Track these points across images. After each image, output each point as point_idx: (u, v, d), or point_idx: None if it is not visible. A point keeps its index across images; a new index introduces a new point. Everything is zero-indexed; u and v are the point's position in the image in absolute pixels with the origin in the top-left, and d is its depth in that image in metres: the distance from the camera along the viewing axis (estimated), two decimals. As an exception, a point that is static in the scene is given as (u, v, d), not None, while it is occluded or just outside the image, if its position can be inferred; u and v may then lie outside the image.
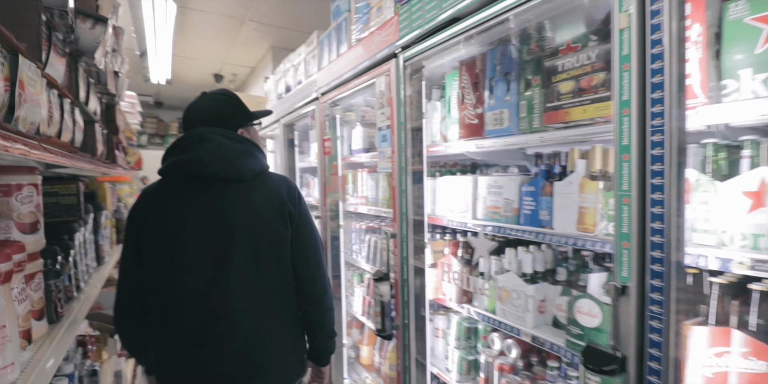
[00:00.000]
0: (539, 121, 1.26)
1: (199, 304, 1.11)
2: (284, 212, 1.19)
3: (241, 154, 1.19)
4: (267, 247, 1.16)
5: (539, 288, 1.44)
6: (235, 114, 1.28)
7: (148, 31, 3.71)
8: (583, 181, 1.20)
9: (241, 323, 1.13)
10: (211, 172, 1.15)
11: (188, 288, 1.11)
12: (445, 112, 1.73)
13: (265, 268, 1.16)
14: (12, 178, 0.84)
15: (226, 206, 1.15)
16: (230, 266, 1.12)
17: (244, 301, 1.13)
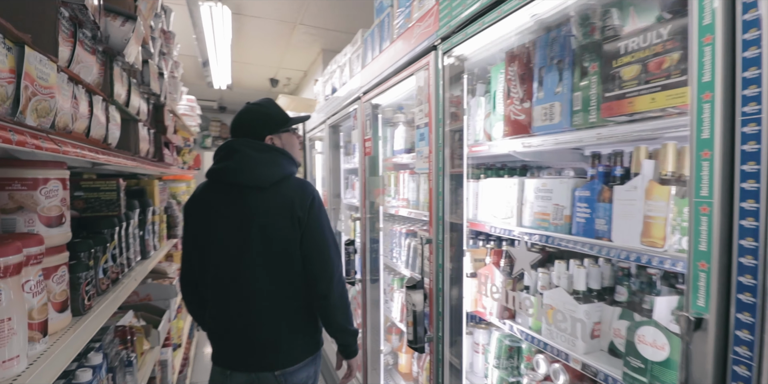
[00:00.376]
0: (596, 115, 1.09)
1: (224, 289, 1.39)
2: (294, 217, 1.36)
3: (263, 163, 1.38)
4: (276, 246, 1.36)
5: (593, 308, 1.25)
6: (263, 123, 1.45)
7: (208, 38, 3.91)
8: (651, 186, 1.01)
9: (247, 306, 1.38)
10: (237, 181, 1.37)
11: (217, 274, 1.39)
12: (490, 108, 1.59)
13: (274, 264, 1.37)
14: (37, 173, 0.85)
15: (246, 210, 1.36)
16: (246, 259, 1.35)
17: (253, 288, 1.37)
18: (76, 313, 1.00)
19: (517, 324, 1.47)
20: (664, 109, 0.87)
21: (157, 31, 1.62)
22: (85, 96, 0.95)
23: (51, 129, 0.76)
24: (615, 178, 1.16)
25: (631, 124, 1.00)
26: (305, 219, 1.36)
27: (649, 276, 1.20)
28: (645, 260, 1.00)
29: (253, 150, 1.38)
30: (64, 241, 0.93)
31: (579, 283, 1.30)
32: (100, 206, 1.32)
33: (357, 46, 2.64)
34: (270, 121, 1.45)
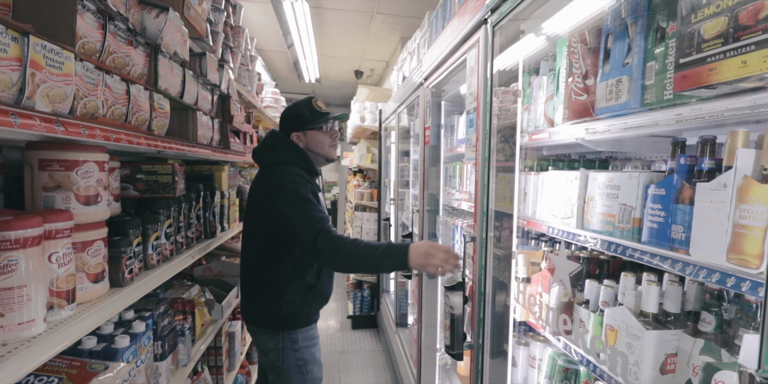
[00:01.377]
0: (673, 90, 0.84)
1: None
2: (263, 199, 1.61)
3: (261, 149, 1.71)
4: (255, 217, 1.68)
5: (666, 336, 0.99)
6: (288, 121, 1.70)
7: (294, 33, 4.11)
8: (746, 183, 0.75)
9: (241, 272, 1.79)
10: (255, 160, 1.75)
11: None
12: (553, 89, 1.36)
13: (256, 233, 1.68)
14: (74, 155, 0.94)
15: (252, 185, 1.74)
16: (245, 229, 1.76)
17: (244, 257, 1.76)
18: (116, 284, 1.10)
19: (572, 343, 1.25)
20: (763, 76, 0.62)
21: (219, 25, 1.72)
22: (120, 84, 1.02)
23: (70, 114, 0.82)
24: (701, 173, 0.89)
25: (719, 101, 0.75)
26: (267, 204, 1.58)
27: (748, 304, 0.91)
28: (731, 283, 0.74)
29: (266, 139, 1.72)
30: (100, 218, 1.02)
31: (649, 304, 1.04)
32: (158, 188, 1.44)
33: (424, 29, 2.51)
34: (294, 120, 1.67)
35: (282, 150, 1.65)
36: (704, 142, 0.89)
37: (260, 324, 1.68)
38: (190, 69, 1.53)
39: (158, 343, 1.38)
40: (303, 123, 1.66)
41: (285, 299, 1.63)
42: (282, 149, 1.66)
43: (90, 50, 0.91)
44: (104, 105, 0.96)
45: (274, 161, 1.64)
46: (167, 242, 1.44)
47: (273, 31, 4.05)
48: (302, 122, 1.66)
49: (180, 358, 1.58)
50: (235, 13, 2.09)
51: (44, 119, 0.76)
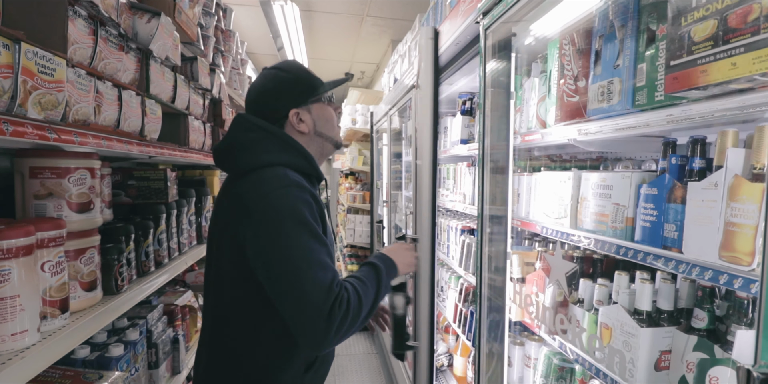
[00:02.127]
0: (664, 91, 0.85)
1: None
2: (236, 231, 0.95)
3: (230, 146, 1.02)
4: (222, 255, 1.03)
5: (660, 334, 1.01)
6: (280, 93, 1.03)
7: (284, 36, 4.10)
8: (737, 182, 0.76)
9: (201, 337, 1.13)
10: (221, 167, 1.07)
11: None
12: (545, 91, 1.37)
13: (224, 279, 1.03)
14: (65, 162, 0.93)
15: (217, 202, 1.06)
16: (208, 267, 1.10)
17: (207, 313, 1.09)
18: (110, 292, 1.08)
19: (568, 342, 1.26)
20: (752, 78, 0.63)
21: (210, 29, 1.71)
22: (112, 90, 1.01)
23: (62, 121, 0.81)
24: (693, 172, 0.91)
25: (710, 101, 0.76)
26: (243, 241, 0.92)
27: (739, 300, 0.93)
28: (723, 280, 0.76)
29: (239, 130, 1.03)
30: (92, 225, 1.01)
31: (643, 302, 1.06)
32: (150, 194, 1.43)
33: (415, 32, 2.52)
34: (291, 90, 1.04)
35: (269, 145, 1.00)
36: (695, 142, 0.91)
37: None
38: (182, 73, 1.52)
39: (152, 351, 1.36)
40: (302, 93, 1.05)
41: None
42: (269, 144, 1.00)
43: (81, 56, 0.89)
44: (96, 111, 0.94)
45: (256, 164, 0.97)
46: (160, 248, 1.43)
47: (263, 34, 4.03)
48: (305, 91, 1.05)
49: (174, 365, 1.56)
50: (226, 17, 2.08)
51: (36, 127, 0.75)
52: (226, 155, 1.03)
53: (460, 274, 2.30)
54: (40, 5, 0.79)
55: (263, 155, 0.98)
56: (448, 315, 2.60)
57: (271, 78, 1.06)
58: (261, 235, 0.89)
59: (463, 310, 2.29)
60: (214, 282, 1.04)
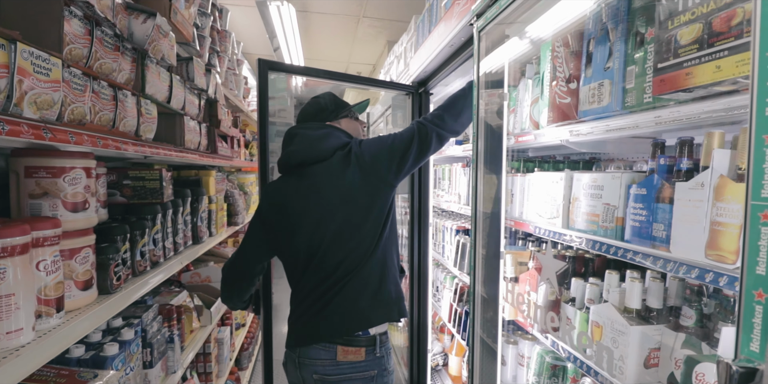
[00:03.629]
0: (652, 93, 0.87)
1: None
2: (365, 173, 1.31)
3: (318, 138, 1.36)
4: (358, 208, 1.31)
5: (649, 331, 1.03)
6: (321, 111, 1.45)
7: (280, 37, 4.11)
8: (722, 182, 0.78)
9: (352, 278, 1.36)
10: (302, 161, 1.34)
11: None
12: (538, 93, 1.39)
13: (371, 221, 1.32)
14: (60, 162, 0.93)
15: (319, 184, 1.32)
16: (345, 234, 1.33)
17: (355, 258, 1.33)
18: (105, 291, 1.09)
19: (560, 340, 1.28)
20: (736, 80, 0.65)
21: (206, 30, 1.72)
22: (107, 90, 1.01)
23: (57, 121, 0.81)
24: (680, 172, 0.92)
25: (696, 103, 0.78)
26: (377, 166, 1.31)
27: (726, 298, 0.95)
28: (709, 279, 0.78)
29: (311, 130, 1.38)
30: (88, 225, 1.01)
31: (633, 300, 1.08)
32: (145, 193, 1.43)
33: (411, 34, 2.54)
34: (329, 108, 1.45)
35: (340, 133, 1.40)
36: (682, 143, 0.93)
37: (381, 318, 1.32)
38: (177, 74, 1.52)
39: (147, 350, 1.36)
40: (333, 111, 1.45)
41: (394, 279, 1.37)
42: (339, 132, 1.40)
43: (77, 56, 0.90)
44: (92, 111, 0.95)
45: (342, 143, 1.36)
46: (155, 248, 1.43)
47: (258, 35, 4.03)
48: (333, 111, 1.45)
49: (169, 365, 1.56)
50: (222, 18, 2.08)
51: (32, 126, 0.75)
52: (316, 144, 1.34)
53: (455, 274, 2.32)
54: (35, 5, 0.79)
55: (344, 138, 1.38)
56: (443, 315, 2.61)
57: (312, 103, 1.47)
58: (388, 140, 1.35)
59: (458, 310, 2.30)
60: (364, 233, 1.30)
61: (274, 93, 2.13)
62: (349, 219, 1.29)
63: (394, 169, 1.30)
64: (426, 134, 1.32)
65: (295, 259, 1.34)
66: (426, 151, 1.34)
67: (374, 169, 1.29)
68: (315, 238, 1.30)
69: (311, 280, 1.32)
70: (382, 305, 1.31)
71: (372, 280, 1.31)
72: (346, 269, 1.28)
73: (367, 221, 1.29)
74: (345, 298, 1.29)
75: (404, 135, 1.33)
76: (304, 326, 1.33)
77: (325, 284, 1.29)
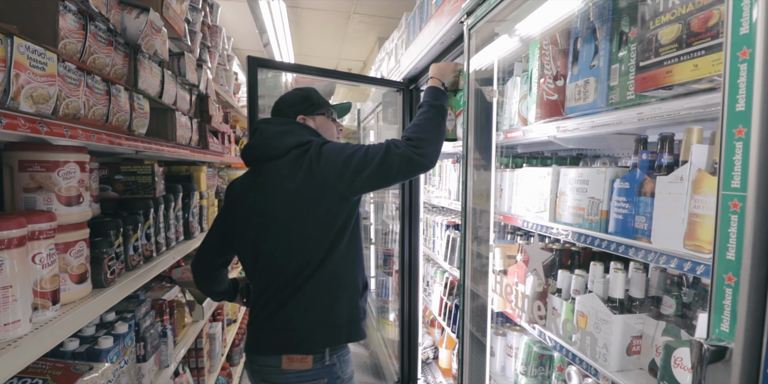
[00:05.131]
0: (634, 91, 0.91)
1: None
2: (315, 178, 1.21)
3: (277, 134, 1.29)
4: (305, 214, 1.23)
5: (632, 320, 1.07)
6: (296, 103, 1.38)
7: (270, 32, 4.08)
8: (700, 176, 0.82)
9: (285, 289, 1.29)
10: (258, 155, 1.31)
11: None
12: (526, 89, 1.42)
13: (325, 229, 1.25)
14: (55, 156, 0.93)
15: (267, 183, 1.26)
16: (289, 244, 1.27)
17: (295, 269, 1.27)
18: (99, 285, 1.09)
19: (547, 330, 1.32)
20: (712, 78, 0.69)
21: (197, 25, 1.71)
22: (101, 85, 1.01)
23: (53, 115, 0.82)
24: (661, 167, 0.96)
25: (676, 100, 0.82)
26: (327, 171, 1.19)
27: (704, 288, 0.99)
28: (688, 268, 0.82)
29: (272, 125, 1.31)
30: (82, 219, 1.01)
31: (616, 290, 1.12)
32: (137, 189, 1.43)
33: (402, 30, 2.55)
34: (304, 101, 1.36)
35: (303, 131, 1.30)
36: (663, 138, 0.97)
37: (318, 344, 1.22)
38: (169, 69, 1.52)
39: (141, 344, 1.37)
40: (311, 106, 1.37)
41: (350, 299, 1.27)
42: (303, 130, 1.30)
43: (71, 51, 0.90)
44: (85, 105, 0.95)
45: (301, 142, 1.26)
46: (148, 243, 1.43)
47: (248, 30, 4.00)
48: (311, 105, 1.37)
49: (162, 359, 1.57)
50: (213, 13, 2.07)
51: (28, 120, 0.75)
52: (273, 141, 1.27)
53: (446, 268, 2.35)
54: (30, 0, 0.79)
55: (305, 136, 1.28)
56: (433, 309, 2.65)
57: (292, 93, 1.41)
58: (347, 150, 1.20)
59: (448, 304, 2.34)
60: (313, 243, 1.22)
61: (265, 91, 2.12)
62: (290, 224, 1.20)
63: (347, 180, 1.17)
64: (394, 156, 1.15)
65: (245, 258, 1.32)
66: (386, 174, 1.17)
67: (325, 175, 1.17)
68: (259, 239, 1.24)
69: (259, 284, 1.28)
70: (329, 328, 1.22)
71: (321, 300, 1.21)
72: (289, 279, 1.21)
73: (308, 229, 1.20)
74: (289, 314, 1.21)
75: (371, 150, 1.19)
76: (252, 333, 1.28)
77: (269, 291, 1.24)
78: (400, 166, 1.16)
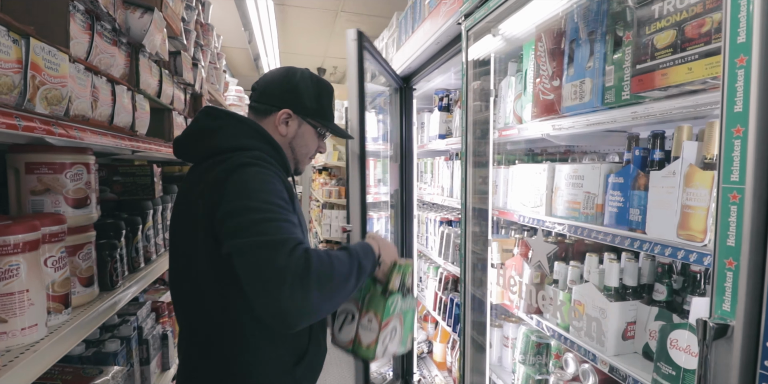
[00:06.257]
0: (630, 91, 0.96)
1: None
2: (204, 209, 0.87)
3: (206, 129, 0.97)
4: (188, 243, 0.96)
5: (626, 307, 1.13)
6: (295, 91, 1.02)
7: (256, 30, 4.03)
8: (691, 171, 0.88)
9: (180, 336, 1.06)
10: (177, 156, 1.05)
11: None
12: (521, 89, 1.47)
13: (196, 269, 0.95)
14: (62, 157, 0.92)
15: (179, 193, 1.01)
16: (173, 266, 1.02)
17: (179, 314, 1.03)
18: (105, 288, 1.09)
19: (544, 320, 1.38)
20: (705, 80, 0.74)
21: (191, 24, 1.70)
22: (106, 85, 1.01)
23: (65, 116, 0.81)
24: (653, 163, 1.02)
25: (669, 100, 0.87)
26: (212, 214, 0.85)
27: (693, 274, 1.06)
28: (681, 256, 0.88)
29: (209, 116, 0.99)
30: (89, 221, 1.01)
31: (611, 279, 1.18)
32: (136, 190, 1.42)
33: (393, 30, 2.58)
34: (298, 95, 1.01)
35: (238, 130, 0.96)
36: (655, 136, 1.03)
37: None
38: (166, 68, 1.50)
39: (143, 347, 1.36)
40: (314, 110, 1.04)
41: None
42: (238, 129, 0.97)
43: (79, 51, 0.89)
44: (93, 106, 0.95)
45: (225, 147, 0.93)
46: (148, 245, 1.42)
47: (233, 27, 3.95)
48: (313, 109, 1.04)
49: (164, 361, 1.57)
50: (205, 11, 2.05)
51: (43, 122, 0.75)
52: (194, 141, 0.99)
53: (440, 263, 2.40)
54: (40, 1, 0.79)
55: (236, 139, 0.95)
56: (427, 304, 2.70)
57: (303, 77, 1.04)
58: (233, 203, 0.81)
59: (443, 298, 2.40)
60: (184, 278, 0.96)
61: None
62: (177, 251, 0.97)
63: (215, 226, 0.84)
64: (269, 263, 0.74)
65: None
66: (243, 270, 0.76)
67: (207, 205, 0.85)
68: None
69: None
70: None
71: (205, 356, 0.93)
72: (182, 316, 0.99)
73: (189, 265, 0.92)
74: (182, 359, 1.00)
75: (263, 227, 0.78)
76: None
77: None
78: (262, 281, 0.74)
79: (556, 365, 1.46)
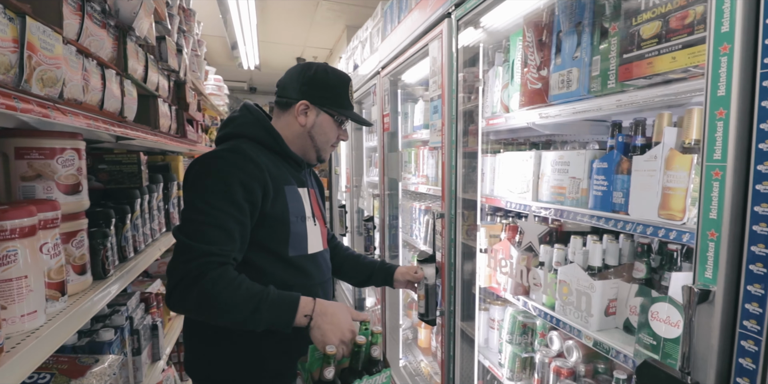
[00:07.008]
0: (615, 80, 1.01)
1: None
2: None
3: (223, 124, 1.14)
4: None
5: (608, 285, 1.20)
6: (313, 84, 1.10)
7: (234, 18, 3.93)
8: (671, 154, 0.94)
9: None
10: None
11: None
12: (508, 79, 1.51)
13: None
14: (53, 142, 0.90)
15: None
16: None
17: None
18: (98, 276, 1.07)
19: (531, 300, 1.44)
20: (687, 69, 0.79)
21: (175, 8, 1.65)
22: (96, 69, 0.98)
23: (60, 99, 0.79)
24: (636, 148, 1.09)
25: (652, 89, 0.93)
26: None
27: (669, 252, 1.14)
28: (662, 234, 0.94)
29: (246, 107, 1.15)
30: (81, 208, 0.99)
31: (594, 259, 1.25)
32: (122, 179, 1.38)
33: (377, 19, 2.57)
34: (322, 87, 1.08)
35: (240, 120, 1.09)
36: (637, 123, 1.09)
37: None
38: (150, 53, 1.46)
39: (135, 337, 1.35)
40: (331, 100, 1.10)
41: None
42: (240, 119, 1.10)
43: (70, 33, 0.87)
44: (84, 90, 0.92)
45: (222, 136, 1.10)
46: (137, 234, 1.40)
47: (209, 14, 3.84)
48: (330, 98, 1.10)
49: (155, 351, 1.55)
50: (186, -5, 1.99)
51: (39, 104, 0.73)
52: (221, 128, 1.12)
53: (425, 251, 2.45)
54: (31, -23, 0.76)
55: (234, 128, 1.09)
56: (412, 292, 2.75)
57: (318, 70, 1.12)
58: (186, 189, 0.99)
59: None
60: None
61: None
62: None
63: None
64: (176, 258, 0.95)
65: None
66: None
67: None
68: None
69: None
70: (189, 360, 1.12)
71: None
72: None
73: None
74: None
75: (198, 220, 0.94)
76: None
77: None
78: (168, 268, 0.94)
79: (541, 343, 1.53)
